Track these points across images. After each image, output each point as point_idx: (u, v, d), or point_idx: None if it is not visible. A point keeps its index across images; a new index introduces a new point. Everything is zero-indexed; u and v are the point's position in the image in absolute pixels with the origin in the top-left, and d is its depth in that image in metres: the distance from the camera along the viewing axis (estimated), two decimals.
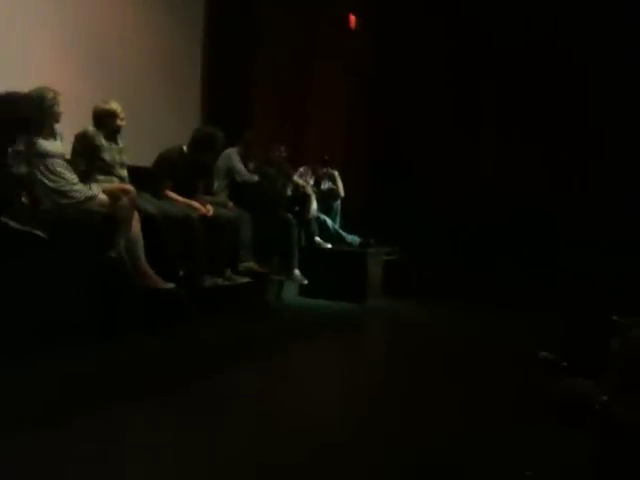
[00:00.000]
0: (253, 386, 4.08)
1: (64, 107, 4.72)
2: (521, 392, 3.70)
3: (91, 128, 5.16)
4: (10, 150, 4.34)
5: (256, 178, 6.87)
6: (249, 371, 4.35)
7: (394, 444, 3.17)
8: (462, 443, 3.19)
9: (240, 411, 3.55)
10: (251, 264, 6.19)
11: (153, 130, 6.54)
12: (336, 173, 8.39)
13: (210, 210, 5.76)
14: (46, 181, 4.58)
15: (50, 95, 4.63)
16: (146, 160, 5.90)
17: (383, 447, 3.14)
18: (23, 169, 4.46)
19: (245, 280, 5.92)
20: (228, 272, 5.84)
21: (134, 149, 5.52)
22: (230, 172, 6.75)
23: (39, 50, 5.59)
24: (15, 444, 2.77)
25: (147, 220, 5.04)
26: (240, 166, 6.78)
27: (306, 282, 6.94)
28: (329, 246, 7.66)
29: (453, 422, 3.49)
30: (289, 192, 7.56)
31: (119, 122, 5.21)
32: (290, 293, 7.06)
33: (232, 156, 6.73)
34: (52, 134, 4.72)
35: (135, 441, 3.08)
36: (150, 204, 5.28)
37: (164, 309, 4.97)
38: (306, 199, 7.58)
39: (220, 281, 5.64)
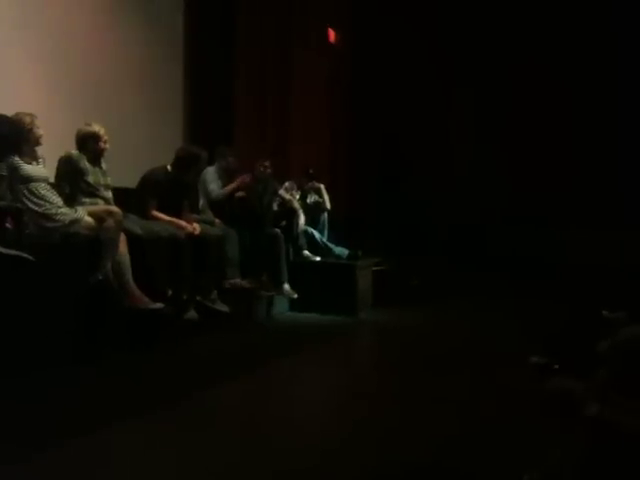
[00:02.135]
0: (245, 399, 4.07)
1: (44, 130, 4.71)
2: (516, 393, 3.71)
3: (75, 151, 5.16)
4: None
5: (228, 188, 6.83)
6: (241, 385, 4.33)
7: (391, 452, 3.16)
8: (457, 449, 3.18)
9: (232, 425, 3.55)
10: (238, 281, 6.18)
11: (136, 150, 6.53)
12: (322, 186, 8.42)
13: (197, 228, 5.75)
14: (31, 205, 4.56)
15: (27, 119, 4.63)
16: (130, 181, 5.88)
17: (379, 454, 3.14)
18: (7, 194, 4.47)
19: (225, 309, 5.76)
20: (214, 294, 5.76)
21: (118, 170, 5.52)
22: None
23: (16, 71, 5.56)
24: (5, 468, 2.76)
25: (133, 241, 5.02)
26: (212, 186, 6.79)
27: (296, 296, 6.94)
28: (318, 259, 7.66)
29: (448, 433, 3.48)
30: (275, 207, 7.57)
31: (102, 145, 5.22)
32: (281, 308, 7.04)
33: (206, 176, 6.74)
34: (34, 158, 4.72)
35: (124, 460, 3.05)
36: (136, 225, 5.26)
37: (152, 329, 4.95)
38: (293, 214, 7.59)
39: (198, 317, 5.51)
